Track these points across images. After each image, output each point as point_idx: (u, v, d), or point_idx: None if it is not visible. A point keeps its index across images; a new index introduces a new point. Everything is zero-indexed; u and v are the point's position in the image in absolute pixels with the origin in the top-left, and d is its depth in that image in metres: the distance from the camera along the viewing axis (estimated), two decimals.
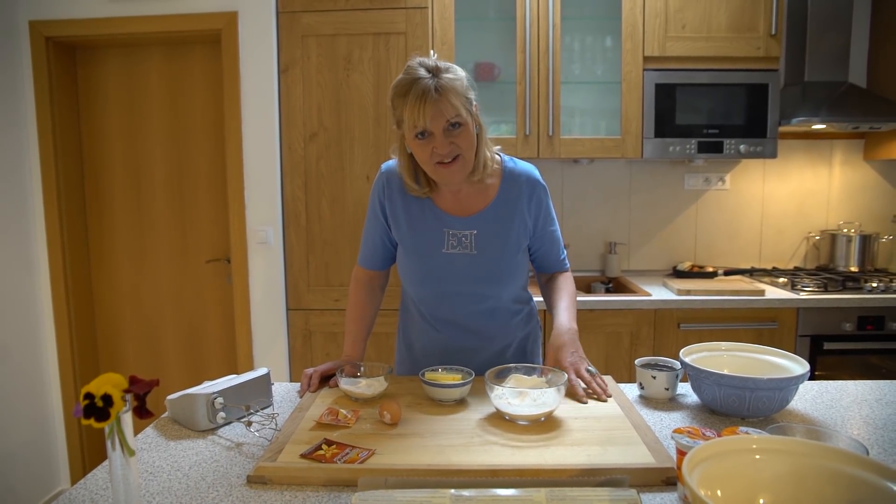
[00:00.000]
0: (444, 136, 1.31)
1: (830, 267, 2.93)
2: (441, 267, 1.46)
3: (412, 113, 1.28)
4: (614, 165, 3.02)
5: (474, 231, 1.45)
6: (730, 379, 1.21)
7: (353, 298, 1.61)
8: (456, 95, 1.30)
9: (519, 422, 1.19)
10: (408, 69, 1.32)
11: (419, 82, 1.28)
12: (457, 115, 1.30)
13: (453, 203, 1.47)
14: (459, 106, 1.31)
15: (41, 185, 2.61)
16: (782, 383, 1.19)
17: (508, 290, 1.51)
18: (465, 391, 1.32)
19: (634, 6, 2.57)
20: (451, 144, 1.32)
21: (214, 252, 2.79)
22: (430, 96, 1.27)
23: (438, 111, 1.28)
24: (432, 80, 1.29)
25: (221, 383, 1.29)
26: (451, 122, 1.31)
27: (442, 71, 1.31)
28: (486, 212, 1.46)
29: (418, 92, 1.27)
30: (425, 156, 1.34)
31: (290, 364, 2.59)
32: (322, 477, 1.00)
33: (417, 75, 1.30)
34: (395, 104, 1.33)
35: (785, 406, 1.24)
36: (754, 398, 1.20)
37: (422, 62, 1.33)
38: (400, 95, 1.31)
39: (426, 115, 1.28)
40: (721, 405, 1.25)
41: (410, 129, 1.32)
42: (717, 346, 1.41)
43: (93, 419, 0.77)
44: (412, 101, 1.28)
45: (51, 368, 2.71)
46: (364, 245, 1.60)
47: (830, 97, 2.66)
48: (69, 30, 2.52)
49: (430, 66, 1.31)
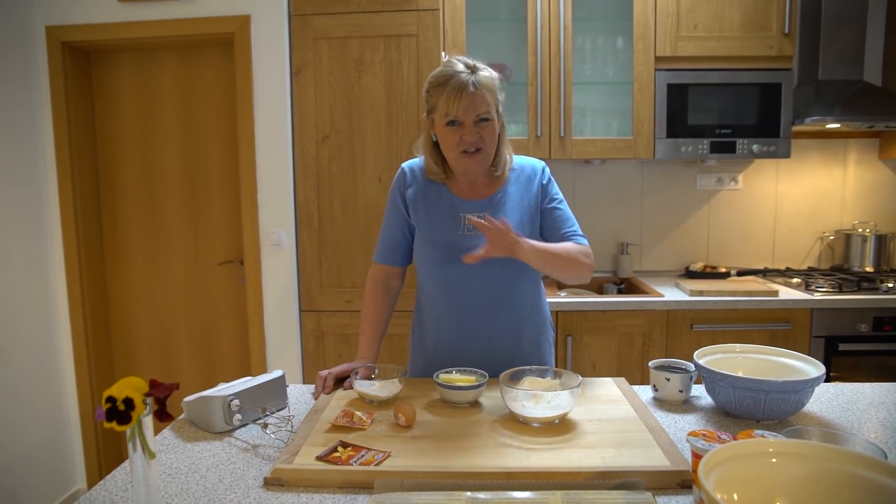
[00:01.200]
0: (473, 126, 1.42)
1: (845, 267, 2.90)
2: (457, 248, 1.48)
3: (448, 102, 1.40)
4: (626, 166, 3.01)
5: (487, 211, 1.50)
6: (744, 381, 1.21)
7: (369, 300, 1.63)
8: (489, 92, 1.43)
9: (533, 424, 1.20)
10: (447, 63, 1.45)
11: (458, 76, 1.40)
12: (487, 110, 1.42)
13: (468, 190, 1.55)
14: (491, 102, 1.43)
15: (57, 187, 2.64)
16: (797, 386, 1.19)
17: (521, 275, 1.53)
18: (479, 393, 1.32)
19: (646, 6, 2.56)
20: (478, 135, 1.43)
21: (227, 254, 2.81)
22: (467, 90, 1.39)
23: (473, 104, 1.40)
24: (470, 76, 1.41)
25: (237, 385, 1.30)
26: (481, 116, 1.42)
27: (479, 69, 1.44)
28: (496, 194, 1.54)
29: (457, 84, 1.39)
30: (453, 142, 1.44)
31: (302, 365, 2.60)
32: (338, 479, 1.01)
33: (456, 69, 1.42)
34: (432, 93, 1.44)
35: (800, 409, 1.24)
36: (769, 401, 1.19)
37: (460, 59, 1.46)
38: (438, 85, 1.42)
39: (461, 106, 1.39)
40: (736, 408, 1.24)
41: (442, 117, 1.43)
42: (732, 347, 1.41)
43: (115, 422, 0.78)
44: (450, 91, 1.39)
45: (66, 369, 2.75)
46: (381, 240, 1.64)
47: (845, 96, 2.64)
48: (84, 35, 2.55)
49: (468, 63, 1.44)
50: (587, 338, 2.47)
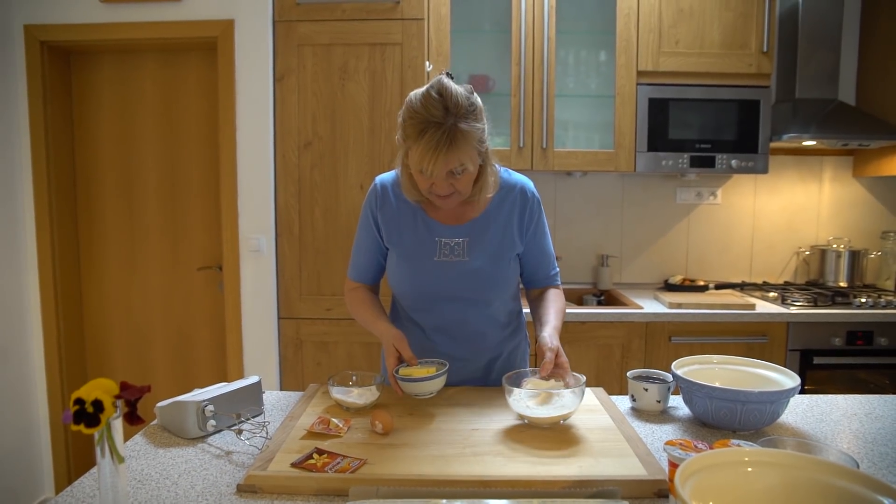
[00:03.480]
0: (446, 178, 1.31)
1: (820, 282, 2.95)
2: (432, 274, 1.45)
3: (421, 157, 1.26)
4: (607, 178, 3.04)
5: (466, 238, 1.45)
6: (721, 392, 1.22)
7: (356, 297, 1.56)
8: (467, 144, 1.28)
9: (542, 426, 1.22)
10: (428, 101, 1.26)
11: (435, 130, 1.24)
12: (462, 166, 1.30)
13: (446, 213, 1.47)
14: (467, 158, 1.29)
15: (32, 189, 2.59)
16: (773, 396, 1.20)
17: (499, 299, 1.51)
18: (440, 384, 1.34)
19: (629, 21, 2.60)
20: (450, 185, 1.33)
21: (206, 259, 2.78)
22: (441, 147, 1.24)
23: (445, 162, 1.27)
24: (449, 125, 1.25)
25: (212, 391, 1.28)
26: (455, 171, 1.30)
27: (462, 115, 1.26)
28: (477, 220, 1.46)
29: (432, 141, 1.24)
30: (424, 186, 1.35)
31: (280, 373, 2.57)
32: (313, 486, 1.00)
33: (435, 119, 1.25)
34: (407, 133, 1.30)
35: (776, 419, 1.25)
36: (746, 411, 1.20)
37: (443, 95, 1.26)
38: (413, 132, 1.27)
39: (435, 166, 1.27)
40: (712, 418, 1.25)
41: (414, 164, 1.31)
42: (709, 359, 1.42)
43: (83, 425, 0.76)
44: (424, 146, 1.25)
45: (37, 375, 2.68)
46: (354, 258, 1.58)
47: (820, 114, 2.70)
48: (64, 35, 2.52)
49: (450, 108, 1.25)
50: (566, 348, 2.42)
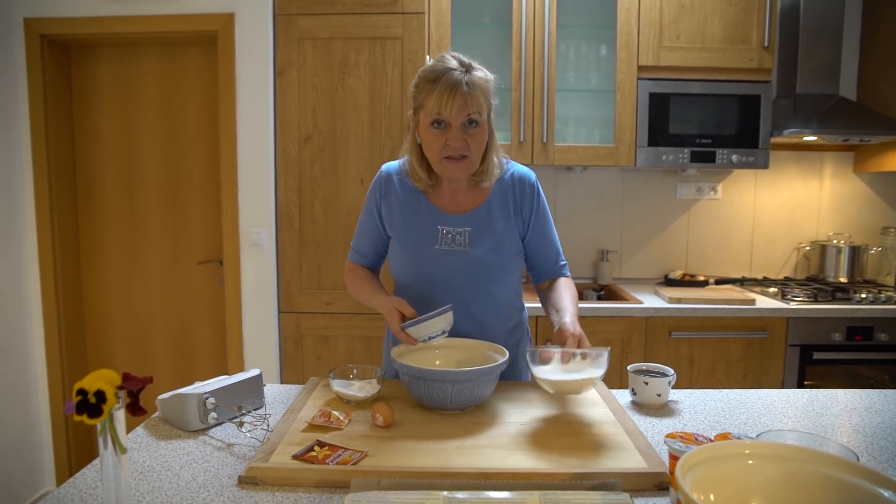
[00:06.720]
0: (461, 130, 1.33)
1: (820, 277, 2.95)
2: (434, 263, 1.46)
3: (438, 100, 1.30)
4: (607, 173, 3.03)
5: (468, 228, 1.46)
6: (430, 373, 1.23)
7: (356, 275, 1.57)
8: (483, 94, 1.34)
9: (571, 395, 1.26)
10: (440, 58, 1.35)
11: (451, 73, 1.31)
12: (478, 111, 1.33)
13: (449, 201, 1.48)
14: (483, 104, 1.34)
15: (32, 183, 2.59)
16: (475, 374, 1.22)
17: (501, 291, 1.51)
18: (448, 321, 1.32)
19: (630, 16, 2.59)
20: (464, 141, 1.34)
21: (206, 253, 2.78)
22: (460, 88, 1.30)
23: (464, 104, 1.31)
24: (464, 74, 1.32)
25: (213, 383, 1.29)
26: (470, 118, 1.33)
27: (474, 68, 1.35)
28: (479, 209, 1.47)
29: (449, 82, 1.30)
30: (437, 145, 1.36)
31: (280, 367, 2.57)
32: (314, 478, 1.00)
33: (449, 66, 1.32)
34: (421, 88, 1.35)
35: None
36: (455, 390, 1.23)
37: (454, 55, 1.36)
38: (428, 81, 1.33)
39: (452, 106, 1.30)
40: (428, 400, 1.26)
41: (429, 115, 1.33)
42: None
43: (85, 415, 0.76)
44: (441, 89, 1.30)
45: (38, 369, 2.68)
46: (356, 243, 1.59)
47: (821, 109, 2.69)
48: (64, 28, 2.51)
49: (463, 61, 1.35)
50: None
